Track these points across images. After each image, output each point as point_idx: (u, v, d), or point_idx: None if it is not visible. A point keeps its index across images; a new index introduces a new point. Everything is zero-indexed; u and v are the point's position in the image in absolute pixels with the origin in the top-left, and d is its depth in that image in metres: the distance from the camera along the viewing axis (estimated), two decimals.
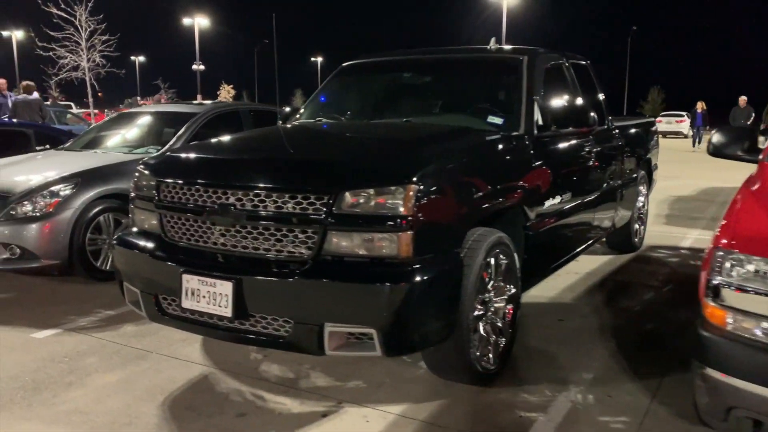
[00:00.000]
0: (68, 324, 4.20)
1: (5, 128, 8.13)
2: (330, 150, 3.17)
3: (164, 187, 3.18)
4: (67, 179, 5.01)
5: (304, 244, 2.78)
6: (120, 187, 5.23)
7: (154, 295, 3.17)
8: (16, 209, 4.79)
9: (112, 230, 5.19)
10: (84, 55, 15.77)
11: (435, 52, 4.44)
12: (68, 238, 4.86)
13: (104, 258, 5.15)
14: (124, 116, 6.89)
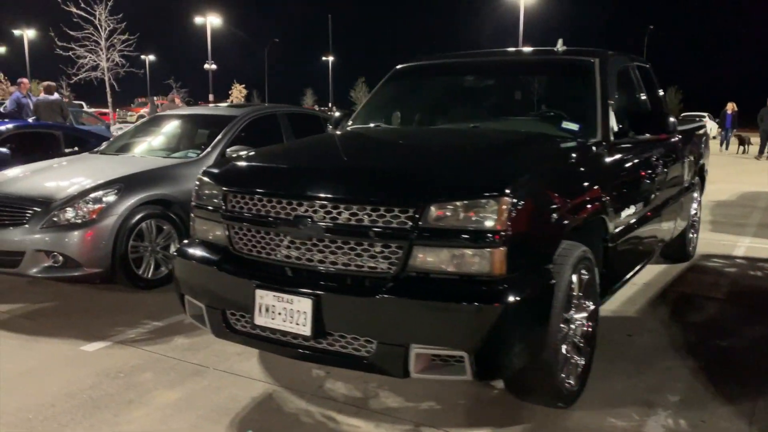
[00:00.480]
0: (117, 336, 4.05)
1: (34, 130, 8.01)
2: (412, 159, 2.99)
3: (232, 197, 3.02)
4: (109, 185, 4.86)
5: (387, 260, 2.61)
6: (162, 193, 5.09)
7: (221, 310, 3.01)
8: (59, 216, 4.65)
9: (154, 237, 5.05)
10: (103, 54, 15.70)
11: (498, 55, 4.26)
12: (111, 245, 4.72)
13: (146, 266, 5.01)
14: (158, 119, 6.75)
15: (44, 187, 4.94)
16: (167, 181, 5.20)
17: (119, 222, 4.75)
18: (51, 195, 4.77)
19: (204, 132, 6.31)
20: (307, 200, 2.75)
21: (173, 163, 5.46)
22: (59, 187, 4.88)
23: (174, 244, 5.17)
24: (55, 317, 4.42)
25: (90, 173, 5.16)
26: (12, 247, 4.65)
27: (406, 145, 3.41)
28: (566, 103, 3.81)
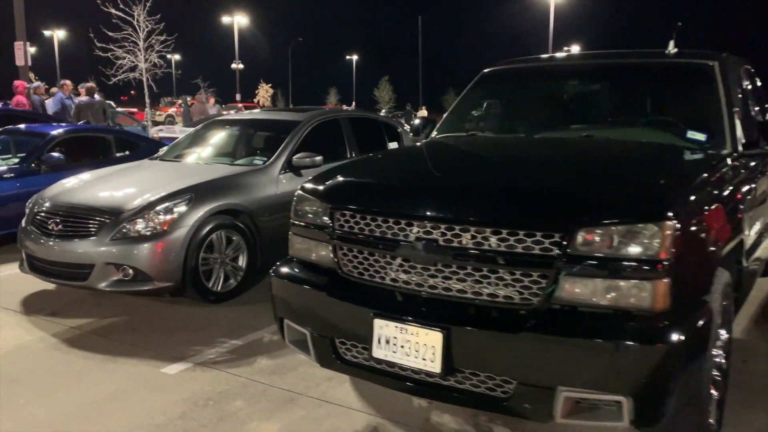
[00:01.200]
0: (196, 356, 3.84)
1: (85, 134, 7.88)
2: (548, 176, 2.72)
3: (341, 215, 2.78)
4: (180, 195, 4.66)
5: (528, 290, 2.34)
6: (233, 203, 4.88)
7: (330, 338, 2.77)
8: (129, 227, 4.46)
9: (224, 249, 4.84)
10: (141, 55, 15.63)
11: (601, 57, 3.95)
12: (182, 258, 4.52)
13: (216, 278, 4.80)
14: (216, 124, 6.55)
15: (112, 197, 4.76)
16: (236, 190, 4.99)
17: (191, 233, 4.55)
18: (120, 205, 4.58)
19: (266, 138, 6.10)
20: (433, 221, 2.49)
21: (241, 171, 5.24)
22: (128, 196, 4.69)
23: (243, 255, 4.96)
24: (127, 334, 4.23)
25: (157, 182, 4.97)
26: (81, 259, 4.47)
27: (529, 158, 3.13)
28: (685, 111, 3.50)
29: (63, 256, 4.54)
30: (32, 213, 4.93)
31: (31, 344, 4.04)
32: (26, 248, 4.84)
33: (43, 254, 4.67)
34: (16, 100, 12.23)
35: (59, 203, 4.79)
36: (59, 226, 4.62)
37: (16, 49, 13.08)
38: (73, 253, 4.49)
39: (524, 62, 4.20)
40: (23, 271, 4.94)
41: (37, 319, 4.51)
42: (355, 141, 6.26)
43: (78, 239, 4.51)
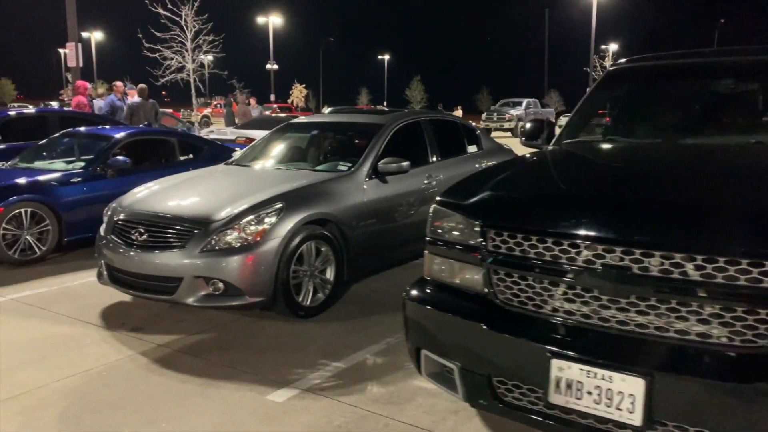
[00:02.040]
0: (300, 381, 3.53)
1: (149, 136, 7.69)
2: (758, 193, 2.33)
3: (496, 234, 2.43)
4: (270, 203, 4.37)
5: (752, 330, 1.97)
6: (323, 212, 4.58)
7: (486, 376, 2.43)
8: (220, 238, 4.18)
9: (313, 261, 4.54)
10: (189, 56, 15.54)
11: (750, 53, 3.51)
12: (274, 271, 4.23)
13: (305, 292, 4.50)
14: (293, 127, 6.27)
15: (199, 205, 4.50)
16: (324, 198, 4.69)
17: (283, 245, 4.25)
18: (208, 215, 4.31)
19: (347, 142, 5.80)
20: (624, 246, 2.12)
21: (327, 177, 4.94)
22: (215, 205, 4.41)
23: (331, 267, 4.66)
24: (220, 354, 3.94)
25: (243, 190, 4.69)
26: (168, 272, 4.21)
27: (712, 170, 2.72)
28: None
29: (148, 269, 4.28)
30: (111, 221, 4.70)
31: (121, 364, 3.78)
32: (106, 259, 4.60)
33: (125, 266, 4.42)
34: (77, 101, 12.17)
35: (142, 211, 4.54)
36: (143, 236, 4.37)
37: (69, 50, 13.05)
38: (159, 266, 4.23)
39: (656, 59, 3.78)
40: (102, 282, 4.70)
41: (121, 334, 4.26)
42: (437, 144, 5.93)
43: (164, 251, 4.25)
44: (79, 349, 4.00)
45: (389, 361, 3.80)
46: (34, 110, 10.07)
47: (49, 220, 6.18)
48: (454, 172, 5.98)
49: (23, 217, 6.01)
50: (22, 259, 6.00)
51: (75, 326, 4.42)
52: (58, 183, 6.34)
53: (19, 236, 5.99)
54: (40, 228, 6.14)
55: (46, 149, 7.50)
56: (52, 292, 5.25)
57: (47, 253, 6.22)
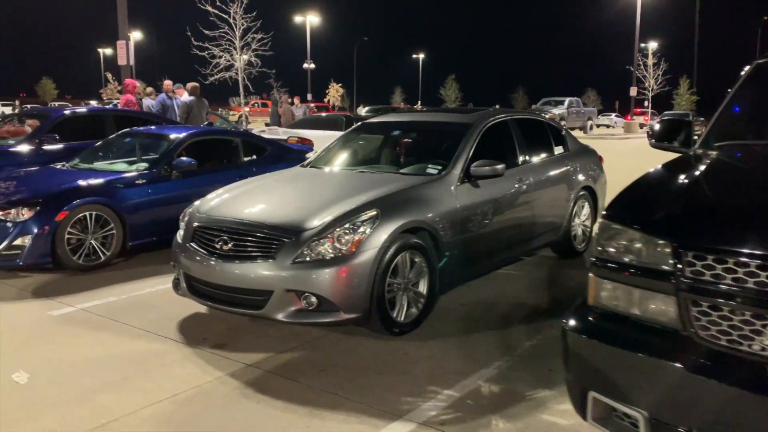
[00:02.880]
0: (414, 412, 3.14)
1: (213, 137, 7.41)
2: None
3: (697, 258, 2.00)
4: (364, 210, 4.00)
5: None
6: (419, 219, 4.19)
7: (687, 430, 2.00)
8: (313, 249, 3.82)
9: (407, 273, 4.15)
10: (238, 54, 15.32)
11: None
12: (371, 284, 3.85)
13: (399, 307, 4.12)
14: (370, 127, 5.90)
15: (288, 212, 4.14)
16: (418, 204, 4.30)
17: (380, 256, 3.87)
18: (300, 223, 3.95)
19: (432, 142, 5.41)
20: None
21: (419, 181, 4.54)
22: (306, 212, 4.06)
23: (424, 280, 4.26)
24: (316, 376, 3.57)
25: (331, 195, 4.34)
26: (258, 285, 3.87)
27: None
28: None
29: (235, 281, 3.94)
30: (190, 228, 4.38)
31: (212, 388, 3.44)
32: (185, 268, 4.29)
33: (208, 277, 4.09)
34: (126, 99, 12.05)
35: (225, 218, 4.21)
36: (228, 245, 4.03)
37: (119, 48, 12.94)
38: (247, 278, 3.89)
39: None
40: (180, 293, 4.39)
41: (204, 352, 3.94)
42: (525, 145, 5.50)
43: (253, 261, 3.91)
44: (162, 369, 3.68)
45: (507, 390, 3.39)
46: (89, 109, 9.91)
47: (114, 223, 5.93)
48: (544, 175, 5.57)
49: (88, 221, 5.77)
50: (86, 264, 5.75)
51: (153, 341, 4.11)
52: (123, 185, 6.08)
53: (83, 240, 5.74)
54: (104, 232, 5.89)
55: (106, 149, 7.28)
56: (122, 301, 4.97)
57: (111, 258, 5.97)
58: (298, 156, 8.00)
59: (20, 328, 4.34)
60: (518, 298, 5.02)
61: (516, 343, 4.04)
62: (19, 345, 4.06)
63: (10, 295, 5.10)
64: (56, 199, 5.63)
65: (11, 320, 4.50)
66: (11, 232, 5.42)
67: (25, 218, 5.46)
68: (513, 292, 5.18)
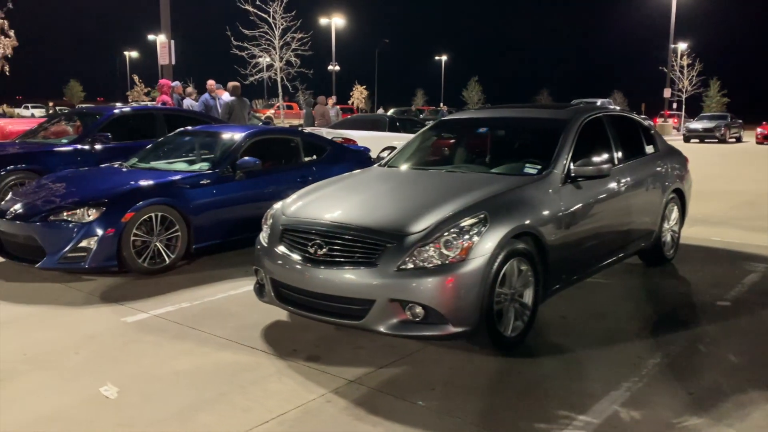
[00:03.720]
0: None
1: (274, 136, 7.15)
2: None
3: None
4: (472, 213, 3.68)
5: None
6: (527, 224, 3.86)
7: None
8: (419, 254, 3.51)
9: (515, 282, 3.82)
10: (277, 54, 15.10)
11: None
12: (481, 294, 3.53)
13: (506, 320, 3.79)
14: (452, 124, 5.58)
15: (389, 215, 3.83)
16: (524, 207, 3.96)
17: (490, 263, 3.55)
18: (403, 226, 3.64)
19: (522, 140, 5.08)
20: None
21: (521, 182, 4.21)
22: (408, 214, 3.75)
23: (529, 289, 3.93)
24: (428, 395, 3.25)
25: (430, 196, 4.04)
26: (358, 293, 3.56)
27: None
28: None
29: (331, 288, 3.64)
30: (276, 231, 4.09)
31: (319, 408, 3.14)
32: (272, 274, 4.00)
33: (300, 283, 3.80)
34: (161, 100, 11.91)
35: (317, 220, 3.92)
36: (323, 249, 3.73)
37: (161, 47, 12.78)
38: (347, 286, 3.58)
39: None
40: (266, 300, 4.11)
41: (299, 365, 3.64)
42: (620, 144, 5.14)
43: (353, 268, 3.60)
44: (258, 384, 3.39)
45: (650, 416, 3.03)
46: (139, 108, 9.73)
47: (179, 225, 5.67)
48: (640, 176, 5.22)
49: (153, 222, 5.52)
50: (150, 267, 5.51)
51: (240, 352, 3.83)
52: (188, 185, 5.83)
53: (148, 243, 5.50)
54: (169, 234, 5.64)
55: (164, 149, 7.05)
56: (196, 308, 4.70)
57: (176, 262, 5.72)
58: (358, 156, 7.74)
59: (97, 336, 4.09)
60: (621, 310, 4.66)
61: (638, 361, 3.69)
62: (99, 354, 3.80)
63: (78, 300, 4.86)
64: (122, 200, 5.39)
65: (86, 327, 4.26)
66: (77, 234, 5.19)
67: (91, 219, 5.23)
68: (612, 303, 4.83)
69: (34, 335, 4.12)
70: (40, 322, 4.37)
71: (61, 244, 5.19)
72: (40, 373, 3.54)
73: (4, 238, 5.65)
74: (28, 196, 5.79)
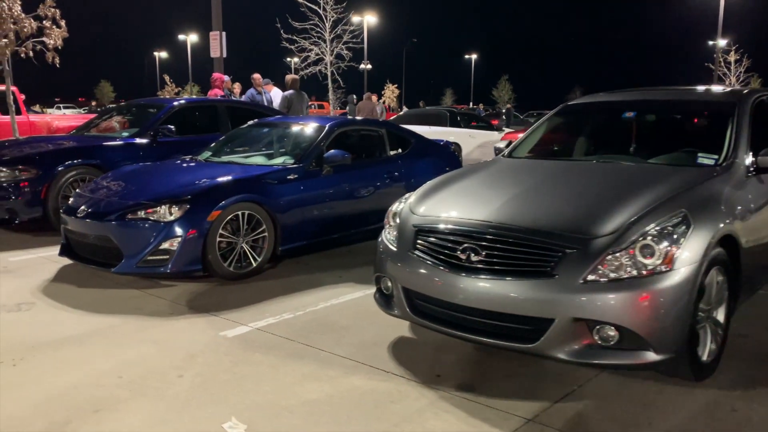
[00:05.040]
0: None
1: (359, 127, 6.53)
2: None
3: None
4: (672, 211, 2.99)
5: None
6: (730, 226, 3.15)
7: None
8: (611, 262, 2.83)
9: (713, 296, 3.11)
10: (327, 47, 14.50)
11: None
12: (689, 313, 2.84)
13: (703, 342, 3.09)
14: (579, 109, 4.87)
15: (563, 213, 3.15)
16: (721, 205, 3.24)
17: (697, 273, 2.85)
18: (587, 227, 2.96)
19: (676, 125, 4.37)
20: None
21: (703, 175, 3.49)
22: (587, 213, 3.07)
23: (723, 304, 3.22)
24: None
25: (602, 191, 3.36)
26: (530, 310, 2.89)
27: None
28: None
29: (492, 303, 2.97)
30: (408, 232, 3.44)
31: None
32: (404, 282, 3.36)
33: (445, 295, 3.13)
34: (214, 94, 11.40)
35: (466, 219, 3.26)
36: (480, 255, 3.07)
37: (212, 39, 12.26)
38: (514, 300, 2.91)
39: None
40: (398, 314, 3.45)
41: (452, 396, 2.98)
42: None
43: (521, 279, 2.93)
44: (414, 422, 2.74)
45: None
46: (201, 100, 9.20)
47: (266, 225, 5.07)
48: None
49: (240, 222, 4.92)
50: (236, 272, 4.90)
51: (374, 377, 3.19)
52: (276, 181, 5.22)
53: (233, 245, 4.90)
54: (255, 235, 5.03)
55: (237, 142, 6.48)
56: (300, 319, 4.08)
57: (263, 265, 5.11)
58: (442, 150, 7.10)
59: (198, 355, 3.48)
60: None
61: None
62: (207, 378, 3.19)
63: (163, 309, 4.27)
64: (207, 197, 4.80)
65: (182, 343, 3.66)
66: (158, 234, 4.60)
67: (174, 218, 4.63)
68: None
69: (124, 353, 3.53)
70: (127, 337, 3.78)
71: (140, 246, 4.61)
72: (144, 401, 2.94)
73: (72, 238, 5.10)
74: (99, 192, 5.24)
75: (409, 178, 6.26)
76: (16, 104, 11.13)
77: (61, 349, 3.56)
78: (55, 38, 9.81)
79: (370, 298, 3.92)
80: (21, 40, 9.53)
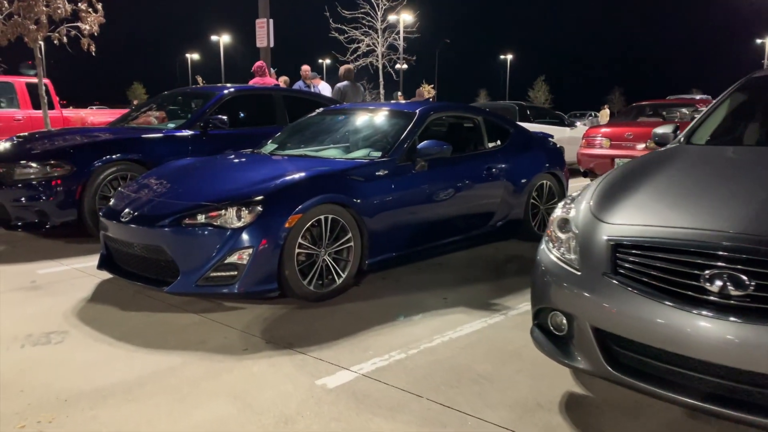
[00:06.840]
0: None
1: (453, 114, 5.52)
2: None
3: None
4: None
5: None
6: None
7: None
8: None
9: None
10: (379, 38, 13.52)
11: None
12: None
13: None
14: (756, 85, 3.78)
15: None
16: None
17: None
18: None
19: None
20: None
21: None
22: None
23: None
24: None
25: None
26: None
27: None
28: None
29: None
30: (600, 247, 2.38)
31: None
32: (597, 322, 2.29)
33: (678, 345, 2.06)
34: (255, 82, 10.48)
35: (715, 233, 2.18)
36: (748, 287, 1.99)
37: (258, 28, 11.35)
38: None
39: None
40: (588, 368, 2.37)
41: None
42: None
43: None
44: None
45: None
46: (254, 87, 8.25)
47: (352, 232, 4.06)
48: None
49: (322, 229, 3.92)
50: (317, 291, 3.89)
51: None
52: (362, 178, 4.21)
53: (312, 257, 3.90)
54: (339, 245, 4.02)
55: (306, 132, 5.49)
56: (415, 360, 3.03)
57: (349, 282, 4.10)
58: (544, 143, 6.00)
59: (297, 419, 2.46)
60: None
61: None
62: None
63: (234, 344, 3.27)
64: (283, 197, 3.79)
65: (269, 398, 2.65)
66: (223, 245, 3.61)
67: (244, 223, 3.64)
68: None
69: (193, 413, 2.53)
70: (194, 386, 2.78)
71: (200, 260, 3.62)
72: None
73: (114, 247, 4.15)
74: (145, 192, 4.28)
75: (512, 176, 5.21)
76: (49, 97, 10.35)
77: (103, 404, 2.59)
78: (91, 23, 8.97)
79: (498, 331, 2.94)
80: (54, 24, 8.72)
